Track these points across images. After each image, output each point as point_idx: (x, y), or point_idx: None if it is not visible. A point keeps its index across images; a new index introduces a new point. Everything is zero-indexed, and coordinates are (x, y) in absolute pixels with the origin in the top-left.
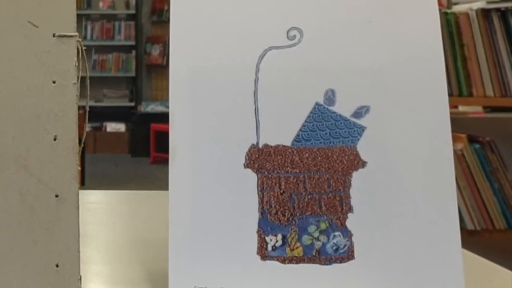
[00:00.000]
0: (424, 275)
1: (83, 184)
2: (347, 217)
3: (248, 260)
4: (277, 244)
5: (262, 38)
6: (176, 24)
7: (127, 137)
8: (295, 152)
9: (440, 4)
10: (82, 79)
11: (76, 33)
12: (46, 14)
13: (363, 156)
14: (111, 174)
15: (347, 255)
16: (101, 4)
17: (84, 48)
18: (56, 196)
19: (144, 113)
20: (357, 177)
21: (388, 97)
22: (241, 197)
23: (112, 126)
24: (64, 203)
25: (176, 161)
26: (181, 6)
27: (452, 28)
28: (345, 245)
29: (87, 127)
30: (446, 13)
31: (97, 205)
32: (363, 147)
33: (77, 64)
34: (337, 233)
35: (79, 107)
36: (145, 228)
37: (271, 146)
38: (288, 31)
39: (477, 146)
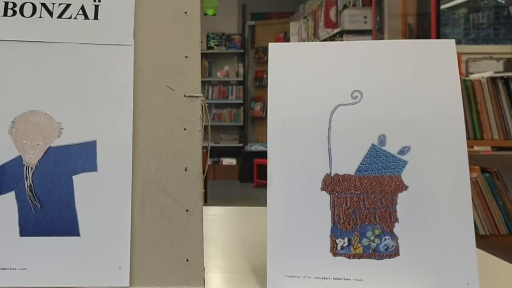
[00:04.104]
0: (449, 267)
1: (205, 202)
2: (394, 226)
3: (324, 256)
4: (344, 245)
5: (333, 97)
6: (272, 88)
7: (237, 169)
8: (357, 179)
9: (460, 73)
10: (205, 127)
11: (201, 94)
12: (179, 81)
13: (406, 182)
14: (226, 195)
15: (394, 253)
16: (218, 74)
17: (206, 104)
18: (187, 210)
19: (249, 151)
20: (402, 197)
21: (423, 140)
22: (318, 211)
23: (226, 161)
24: (192, 215)
25: (273, 186)
26: (276, 76)
27: (469, 91)
28: (393, 246)
29: (209, 161)
30: (465, 80)
31: (216, 217)
32: (406, 176)
33: (201, 116)
34: (387, 237)
35: (203, 147)
36: (250, 233)
37: (340, 175)
38: (352, 93)
39: (487, 175)
